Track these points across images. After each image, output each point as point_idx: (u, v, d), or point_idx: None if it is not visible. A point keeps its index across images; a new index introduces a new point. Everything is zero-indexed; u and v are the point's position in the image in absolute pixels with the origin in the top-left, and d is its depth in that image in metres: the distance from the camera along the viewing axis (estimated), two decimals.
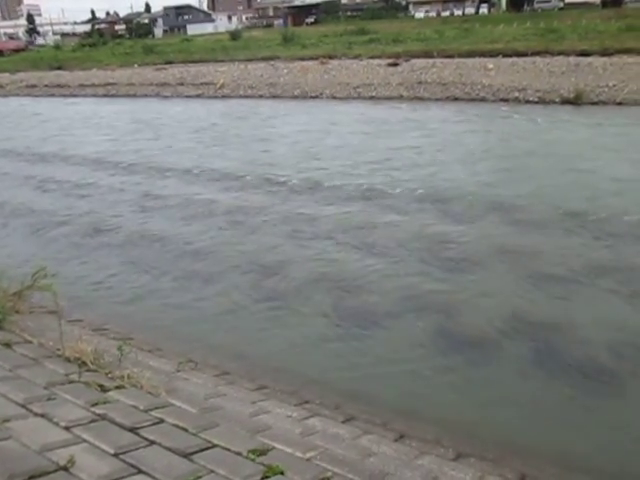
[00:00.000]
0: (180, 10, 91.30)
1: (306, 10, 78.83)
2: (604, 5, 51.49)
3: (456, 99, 20.28)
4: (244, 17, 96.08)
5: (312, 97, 23.05)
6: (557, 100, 18.58)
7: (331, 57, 31.85)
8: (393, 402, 4.52)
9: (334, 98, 22.51)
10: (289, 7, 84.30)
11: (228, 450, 2.72)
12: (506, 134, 14.72)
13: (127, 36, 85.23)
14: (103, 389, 3.26)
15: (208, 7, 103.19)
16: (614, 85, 18.96)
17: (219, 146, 15.06)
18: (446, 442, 4.08)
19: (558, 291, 6.26)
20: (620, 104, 17.62)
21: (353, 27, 46.89)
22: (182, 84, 28.51)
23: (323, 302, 6.19)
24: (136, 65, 39.43)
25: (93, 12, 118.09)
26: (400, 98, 21.17)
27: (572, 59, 24.09)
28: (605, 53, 24.95)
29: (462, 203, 9.22)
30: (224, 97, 25.51)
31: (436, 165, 11.70)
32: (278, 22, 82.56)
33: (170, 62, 39.25)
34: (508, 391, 4.70)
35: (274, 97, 23.94)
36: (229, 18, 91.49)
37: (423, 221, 8.53)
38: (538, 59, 24.94)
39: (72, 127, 20.16)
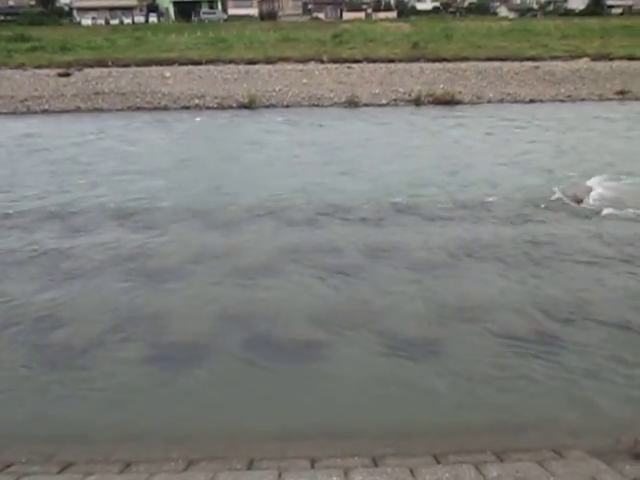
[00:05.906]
0: None
1: None
2: (262, 18, 57.25)
3: (139, 108, 19.93)
4: None
5: None
6: (234, 105, 19.91)
7: None
8: (112, 433, 4.27)
9: None
10: None
11: None
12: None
13: None
14: None
15: None
16: (280, 90, 21.29)
17: None
18: (176, 454, 4.06)
19: (245, 281, 6.75)
20: (287, 107, 19.86)
21: (10, 33, 41.71)
22: None
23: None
24: None
25: None
26: (77, 110, 19.81)
27: (242, 67, 26.12)
28: (269, 61, 27.76)
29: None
30: None
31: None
32: None
33: None
34: (222, 383, 4.89)
35: None
36: None
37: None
38: (212, 67, 26.29)
39: None
